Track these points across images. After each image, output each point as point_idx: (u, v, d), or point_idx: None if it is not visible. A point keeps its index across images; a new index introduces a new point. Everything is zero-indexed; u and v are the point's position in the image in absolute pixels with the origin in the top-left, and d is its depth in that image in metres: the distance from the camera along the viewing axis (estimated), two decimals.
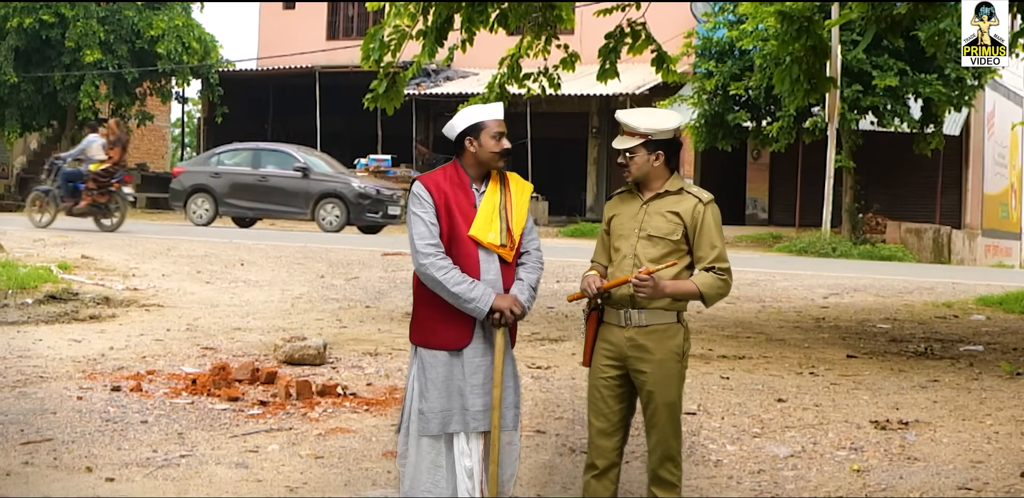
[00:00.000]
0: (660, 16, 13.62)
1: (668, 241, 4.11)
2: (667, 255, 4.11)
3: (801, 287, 12.35)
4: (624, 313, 4.12)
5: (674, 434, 4.17)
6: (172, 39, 26.72)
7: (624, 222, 4.20)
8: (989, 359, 8.17)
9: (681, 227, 4.12)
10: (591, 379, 4.24)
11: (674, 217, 4.12)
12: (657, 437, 4.16)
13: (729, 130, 22.19)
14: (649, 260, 4.09)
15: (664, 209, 4.14)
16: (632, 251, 4.13)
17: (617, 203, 4.29)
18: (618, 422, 4.21)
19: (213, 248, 14.21)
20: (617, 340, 4.15)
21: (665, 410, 4.13)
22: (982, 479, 5.04)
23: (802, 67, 9.41)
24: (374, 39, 8.98)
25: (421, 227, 4.11)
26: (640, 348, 4.11)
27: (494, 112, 4.24)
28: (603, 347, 4.19)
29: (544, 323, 9.47)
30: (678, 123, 4.20)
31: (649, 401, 4.14)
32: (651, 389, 4.12)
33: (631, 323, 4.12)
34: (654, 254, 4.11)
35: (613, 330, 4.16)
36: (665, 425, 4.14)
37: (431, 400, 4.13)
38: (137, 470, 5.10)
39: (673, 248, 4.11)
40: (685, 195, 4.16)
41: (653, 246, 4.12)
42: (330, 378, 6.97)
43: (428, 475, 4.16)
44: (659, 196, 4.17)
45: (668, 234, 4.11)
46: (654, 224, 4.13)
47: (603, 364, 4.19)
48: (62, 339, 8.05)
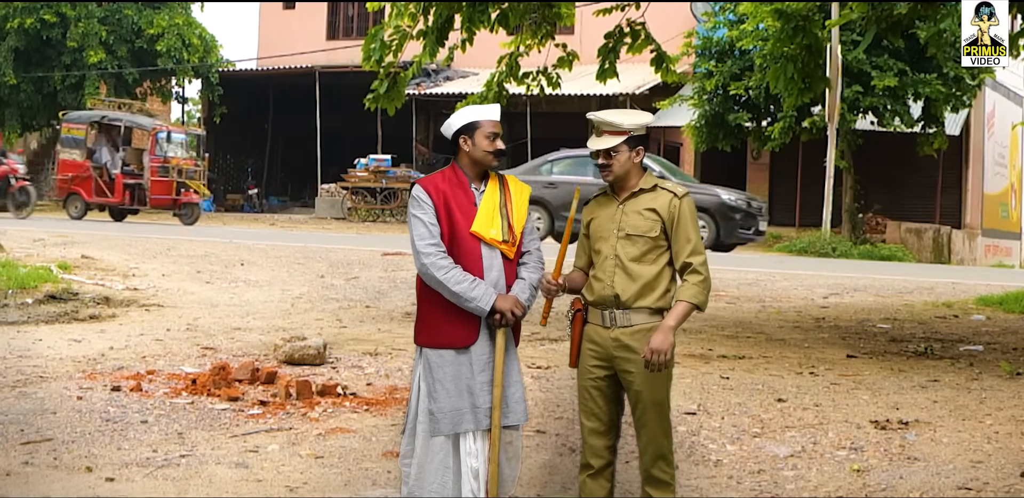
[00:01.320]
0: (660, 16, 13.64)
1: (647, 238, 4.13)
2: (647, 252, 4.13)
3: (801, 287, 12.34)
4: (608, 314, 4.14)
5: (664, 433, 4.18)
6: (172, 37, 26.72)
7: (602, 224, 4.22)
8: (989, 359, 8.16)
9: (659, 223, 4.14)
10: (579, 380, 4.26)
11: (651, 214, 4.14)
12: (647, 436, 4.17)
13: (729, 130, 22.19)
14: (630, 259, 4.12)
15: (641, 207, 4.16)
16: (612, 251, 4.16)
17: (594, 206, 4.31)
18: (609, 422, 4.23)
19: (213, 248, 14.21)
20: (603, 341, 4.16)
21: (654, 409, 4.15)
22: (982, 479, 5.04)
23: (797, 66, 9.42)
24: (375, 39, 8.97)
25: (421, 228, 4.14)
26: (626, 348, 4.12)
27: (490, 112, 4.25)
28: (589, 348, 4.21)
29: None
30: (651, 119, 4.25)
31: (638, 401, 4.15)
32: (639, 389, 4.13)
33: (616, 324, 4.14)
34: (634, 253, 4.13)
35: (598, 331, 4.18)
36: (655, 424, 4.16)
37: (440, 400, 4.15)
38: (137, 470, 5.10)
39: (652, 245, 4.14)
40: (660, 191, 4.19)
41: (633, 245, 4.14)
42: (330, 378, 6.96)
43: (437, 475, 4.17)
44: (634, 195, 4.20)
45: (647, 231, 4.14)
46: (632, 223, 4.15)
47: (590, 365, 4.20)
48: (62, 339, 8.05)
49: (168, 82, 28.97)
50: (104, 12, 26.73)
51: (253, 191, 30.42)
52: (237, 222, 23.92)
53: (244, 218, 25.65)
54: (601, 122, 4.17)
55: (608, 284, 4.13)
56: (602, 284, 4.15)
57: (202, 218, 23.28)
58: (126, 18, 26.89)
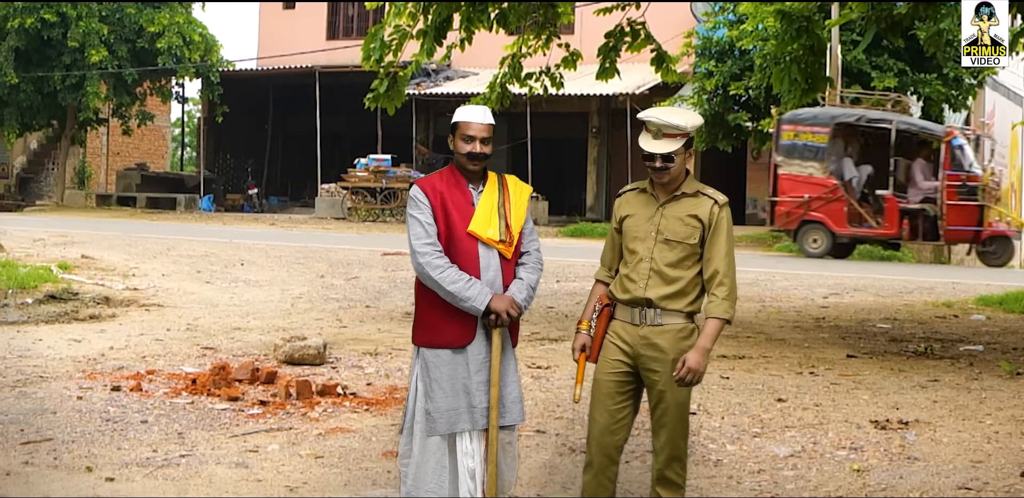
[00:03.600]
0: (660, 16, 13.62)
1: (686, 245, 4.08)
2: (684, 259, 4.08)
3: (801, 287, 12.35)
4: (639, 311, 4.10)
5: (683, 435, 4.15)
6: (173, 35, 26.72)
7: (640, 224, 4.15)
8: (989, 359, 8.16)
9: (699, 230, 4.07)
10: (598, 374, 4.20)
11: (692, 220, 4.07)
12: (666, 437, 4.14)
13: (729, 130, 22.19)
14: (666, 264, 4.07)
15: (683, 213, 4.09)
16: (649, 254, 4.10)
17: (631, 201, 4.21)
18: (622, 419, 4.18)
19: (213, 248, 14.22)
20: (631, 338, 4.13)
21: (676, 410, 4.11)
22: (982, 479, 5.04)
23: (800, 66, 9.42)
24: (375, 39, 8.97)
25: (418, 228, 4.14)
26: (654, 347, 4.09)
27: (472, 114, 4.21)
28: (615, 343, 4.16)
29: (544, 323, 9.47)
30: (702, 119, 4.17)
31: (660, 401, 4.12)
32: (663, 388, 4.09)
33: (646, 321, 4.10)
34: (671, 258, 4.08)
35: (627, 327, 4.14)
36: (675, 425, 4.12)
37: (437, 400, 4.15)
38: (137, 470, 5.10)
39: (690, 252, 4.08)
40: (701, 197, 4.11)
41: (671, 250, 4.08)
42: (330, 378, 6.97)
43: (433, 475, 4.17)
44: (675, 198, 4.12)
45: (686, 238, 4.07)
46: (672, 228, 4.09)
47: (613, 358, 4.15)
48: (62, 339, 8.06)
49: (168, 82, 28.96)
50: (105, 10, 26.73)
51: (253, 191, 30.41)
52: (237, 222, 23.92)
53: (244, 218, 25.64)
54: (664, 125, 4.02)
55: (641, 287, 4.08)
56: (636, 286, 4.10)
57: (201, 218, 23.19)
58: (127, 17, 26.88)
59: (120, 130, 29.67)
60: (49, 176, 33.01)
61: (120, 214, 25.40)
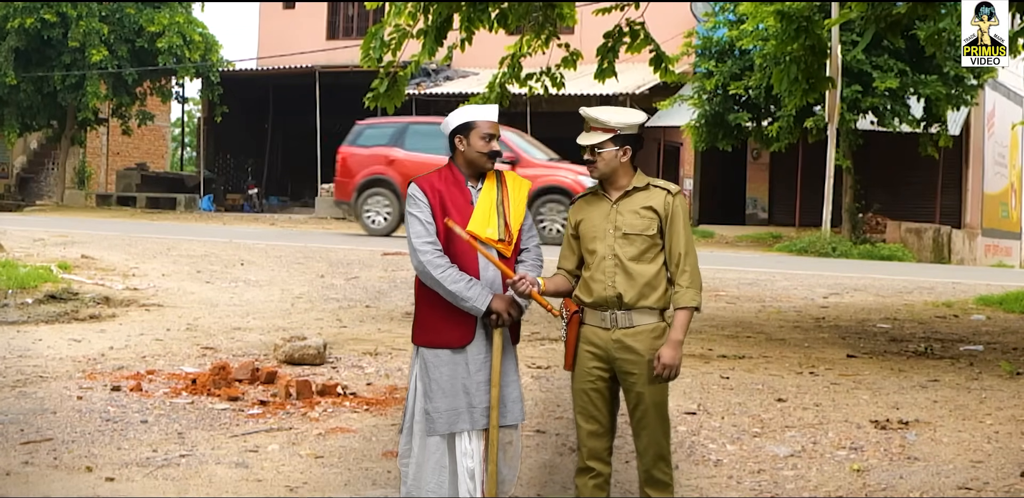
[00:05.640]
0: (660, 16, 13.64)
1: (644, 237, 4.12)
2: (645, 251, 4.11)
3: (801, 287, 12.34)
4: (609, 315, 4.12)
5: (664, 434, 4.18)
6: (173, 34, 26.72)
7: (596, 224, 4.18)
8: (989, 359, 8.17)
9: (656, 221, 4.12)
10: (577, 383, 4.22)
11: (648, 212, 4.12)
12: (649, 438, 4.16)
13: (729, 130, 22.17)
14: (629, 258, 4.10)
15: (637, 206, 4.14)
16: (611, 251, 4.12)
17: (583, 206, 4.26)
18: (608, 423, 4.21)
19: (213, 248, 14.21)
20: (603, 343, 4.14)
21: (655, 410, 4.14)
22: (982, 479, 5.04)
23: (800, 67, 9.42)
24: (375, 38, 8.97)
25: (418, 226, 4.14)
26: (628, 349, 4.10)
27: (487, 113, 4.24)
28: (588, 350, 4.17)
29: (544, 323, 9.46)
30: (643, 119, 4.21)
31: (639, 402, 4.13)
32: (640, 390, 4.12)
33: (617, 325, 4.11)
34: (632, 252, 4.11)
35: (597, 332, 4.15)
36: (655, 425, 4.15)
37: (436, 400, 4.15)
38: (137, 470, 5.10)
39: (650, 243, 4.12)
40: (653, 189, 4.17)
41: (631, 244, 4.12)
42: (330, 378, 6.97)
43: (433, 475, 4.17)
44: (627, 194, 4.17)
45: (644, 230, 4.11)
46: (629, 222, 4.13)
47: (589, 367, 4.17)
48: (62, 339, 8.05)
49: (168, 82, 28.97)
50: (105, 10, 26.73)
51: (253, 191, 30.41)
52: (237, 222, 23.90)
53: (244, 218, 25.63)
54: (589, 118, 4.15)
55: (609, 284, 4.10)
56: (602, 285, 4.11)
57: (201, 218, 23.17)
58: (127, 17, 26.88)
59: (120, 130, 29.66)
60: (49, 176, 33.00)
61: (120, 214, 25.38)
